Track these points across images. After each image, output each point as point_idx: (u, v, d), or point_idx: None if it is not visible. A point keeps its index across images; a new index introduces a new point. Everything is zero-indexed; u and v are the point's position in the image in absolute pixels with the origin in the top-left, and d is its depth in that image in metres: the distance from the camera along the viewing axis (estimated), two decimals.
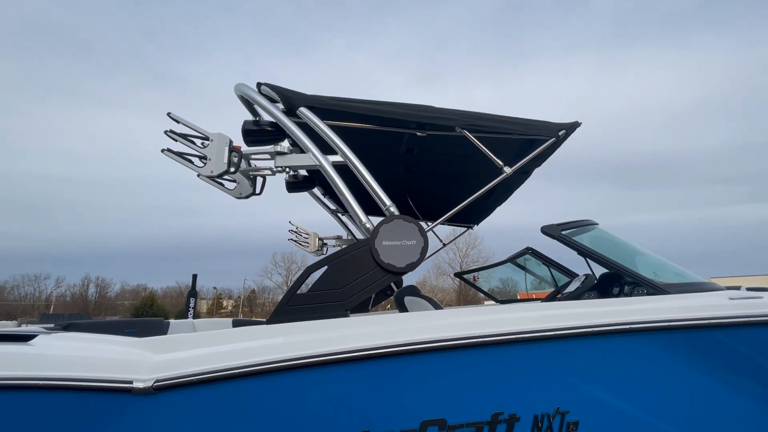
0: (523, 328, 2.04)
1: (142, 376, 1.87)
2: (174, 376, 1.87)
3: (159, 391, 1.86)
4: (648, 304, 2.23)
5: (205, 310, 48.59)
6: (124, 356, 1.98)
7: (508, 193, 3.96)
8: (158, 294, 48.58)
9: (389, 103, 2.63)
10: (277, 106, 2.54)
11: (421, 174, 3.94)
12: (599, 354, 2.10)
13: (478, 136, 2.60)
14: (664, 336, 2.12)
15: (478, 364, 2.03)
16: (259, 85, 2.66)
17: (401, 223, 2.25)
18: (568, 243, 2.55)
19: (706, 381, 2.15)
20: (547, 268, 4.44)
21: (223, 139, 2.34)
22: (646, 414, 2.12)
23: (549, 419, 2.04)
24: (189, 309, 5.07)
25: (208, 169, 2.32)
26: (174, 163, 2.34)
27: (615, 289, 2.95)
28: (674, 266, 2.80)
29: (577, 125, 2.68)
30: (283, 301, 2.16)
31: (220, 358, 1.93)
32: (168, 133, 2.29)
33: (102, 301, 47.87)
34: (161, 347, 2.02)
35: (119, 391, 1.87)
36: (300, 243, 5.14)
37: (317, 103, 2.55)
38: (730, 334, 2.14)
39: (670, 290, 2.33)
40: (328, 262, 2.22)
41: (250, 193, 2.80)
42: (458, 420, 2.00)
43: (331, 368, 1.94)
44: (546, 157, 2.91)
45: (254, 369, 1.89)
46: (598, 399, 2.09)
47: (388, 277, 2.21)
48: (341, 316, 2.12)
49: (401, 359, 1.98)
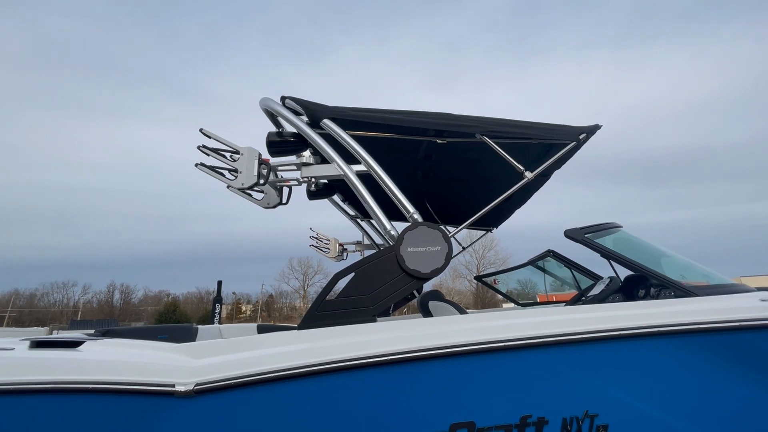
0: (550, 332, 2.05)
1: (183, 380, 1.97)
2: (213, 379, 1.97)
3: (199, 395, 1.95)
4: (676, 306, 2.21)
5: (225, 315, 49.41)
6: (165, 361, 2.09)
7: (527, 196, 3.97)
8: (180, 300, 49.75)
9: (410, 112, 2.69)
10: (301, 119, 2.64)
11: (441, 179, 3.98)
12: (627, 357, 2.10)
13: (498, 142, 2.63)
14: (693, 339, 2.10)
15: (506, 367, 2.06)
16: (283, 99, 2.76)
17: (425, 230, 2.30)
18: (592, 246, 2.55)
19: (736, 385, 2.12)
20: (569, 270, 4.41)
21: (253, 153, 2.45)
22: (675, 418, 2.10)
23: (578, 423, 2.05)
24: (215, 314, 5.23)
25: (240, 182, 2.43)
26: (196, 173, 2.46)
27: (641, 292, 2.92)
28: (702, 267, 2.76)
29: (598, 128, 2.69)
30: (313, 308, 2.24)
31: (256, 362, 2.01)
32: (201, 149, 2.41)
33: (126, 307, 49.23)
34: (199, 352, 2.12)
35: (162, 394, 1.98)
36: (321, 249, 5.24)
37: (340, 115, 2.63)
38: (762, 337, 2.10)
39: (698, 292, 2.31)
40: (354, 269, 2.28)
41: (277, 203, 2.90)
42: (487, 423, 2.03)
43: (362, 372, 2.00)
44: (566, 160, 2.91)
45: (289, 373, 1.97)
46: (626, 402, 2.09)
47: (414, 283, 2.26)
48: (369, 322, 2.18)
49: (429, 363, 2.02)
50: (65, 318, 40.59)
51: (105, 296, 49.01)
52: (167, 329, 3.56)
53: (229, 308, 51.15)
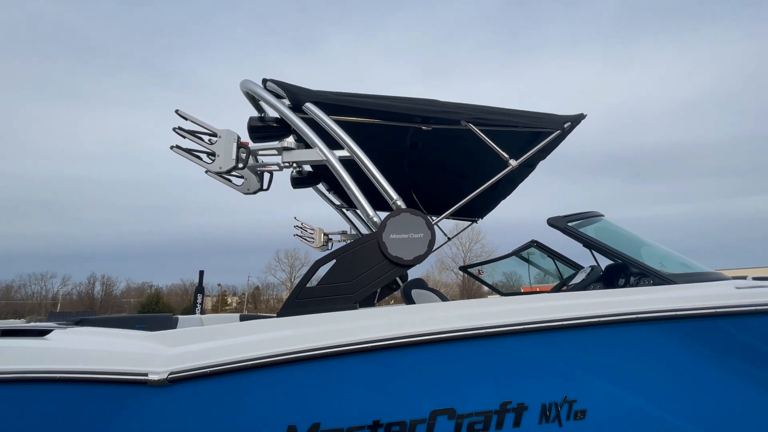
0: (530, 319, 2.06)
1: (156, 369, 1.91)
2: (188, 368, 1.91)
3: (173, 383, 1.90)
4: (654, 294, 2.25)
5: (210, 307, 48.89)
6: (138, 349, 2.02)
7: (513, 186, 3.97)
8: (164, 291, 48.99)
9: (394, 97, 2.64)
10: (283, 102, 2.56)
11: (426, 168, 3.95)
12: (606, 344, 2.12)
13: (483, 129, 2.60)
14: (671, 325, 2.13)
15: (486, 354, 2.06)
16: (265, 82, 2.67)
17: (408, 217, 2.27)
18: (574, 234, 2.56)
19: (712, 369, 2.17)
20: (552, 261, 4.46)
21: (231, 136, 2.36)
22: (652, 402, 2.14)
23: (557, 408, 2.07)
24: (197, 305, 5.15)
25: (217, 166, 2.35)
26: (177, 160, 2.37)
27: (621, 280, 2.96)
28: (680, 256, 2.80)
29: (582, 117, 2.69)
30: (293, 295, 2.19)
31: (232, 350, 1.96)
32: (176, 131, 2.32)
33: (108, 299, 48.27)
34: (174, 340, 2.06)
35: (135, 383, 1.91)
36: (306, 239, 5.18)
37: (323, 99, 2.57)
38: (736, 323, 2.15)
39: (677, 280, 2.34)
40: (336, 255, 2.24)
41: (257, 189, 2.83)
42: (467, 409, 2.03)
43: (342, 360, 1.98)
44: (551, 149, 2.91)
45: (266, 361, 1.93)
46: (605, 388, 2.12)
47: (396, 270, 2.23)
48: (350, 309, 2.15)
49: (410, 350, 2.01)
50: (44, 310, 39.58)
51: (85, 288, 47.95)
52: (146, 319, 3.47)
53: (214, 300, 50.64)
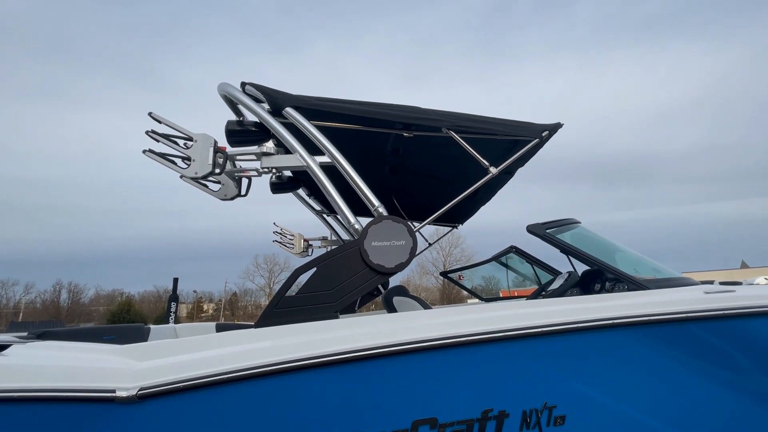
0: (510, 326, 2.07)
1: (125, 384, 1.81)
2: (159, 383, 1.82)
3: (144, 399, 1.80)
4: (628, 299, 2.31)
5: (185, 315, 47.38)
6: (105, 364, 1.91)
7: (492, 193, 4.03)
8: (136, 299, 47.10)
9: (376, 103, 2.63)
10: (262, 106, 2.51)
11: (407, 174, 3.95)
12: (583, 349, 2.16)
13: (463, 136, 2.63)
14: (645, 330, 2.19)
15: (467, 362, 2.05)
16: (244, 85, 2.61)
17: (390, 224, 2.25)
18: (552, 241, 2.61)
19: (684, 372, 2.23)
20: (530, 266, 4.53)
21: (208, 140, 2.29)
22: (629, 406, 2.19)
23: (537, 414, 2.08)
24: (170, 314, 4.95)
25: (192, 171, 2.27)
26: (152, 164, 2.27)
27: (597, 285, 3.04)
28: (652, 262, 2.90)
29: (559, 126, 2.75)
30: (272, 304, 2.13)
31: (206, 363, 1.89)
32: (150, 134, 2.23)
33: (75, 307, 46.01)
34: (145, 354, 1.96)
35: (101, 400, 1.81)
36: (285, 245, 5.09)
37: (303, 104, 2.53)
38: (705, 327, 2.23)
39: (649, 285, 2.42)
40: (316, 263, 2.20)
41: (235, 195, 2.75)
42: (449, 418, 2.01)
43: (321, 371, 1.93)
44: (529, 157, 2.97)
45: (242, 374, 1.86)
46: (583, 393, 2.15)
47: (378, 277, 2.21)
48: (331, 318, 2.11)
49: (391, 360, 1.98)
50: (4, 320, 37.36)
51: (51, 296, 45.58)
52: (115, 330, 3.31)
53: (189, 307, 49.10)
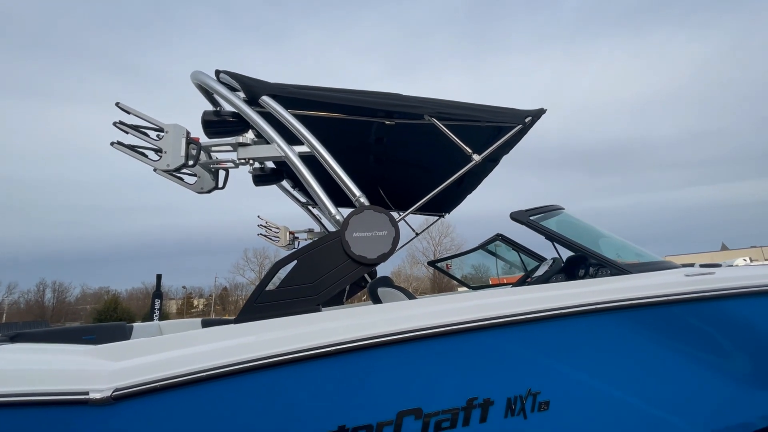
0: (493, 314, 2.06)
1: (99, 386, 1.75)
2: (135, 383, 1.76)
3: (119, 401, 1.75)
4: (611, 284, 2.31)
5: (175, 311, 46.93)
6: (78, 366, 1.84)
7: (478, 181, 4.01)
8: (123, 296, 46.42)
9: (356, 91, 2.56)
10: (237, 95, 2.41)
11: (392, 163, 3.90)
12: (567, 335, 2.16)
13: (446, 124, 2.58)
14: (628, 314, 2.21)
15: (451, 351, 2.04)
16: (218, 73, 2.51)
17: (371, 214, 2.20)
18: (535, 228, 2.60)
19: (668, 355, 2.26)
20: (516, 253, 4.55)
21: (180, 131, 2.20)
22: (613, 389, 2.21)
23: (522, 401, 2.09)
24: (154, 311, 4.86)
25: (164, 163, 2.18)
26: (130, 158, 2.18)
27: (581, 271, 3.05)
28: (635, 246, 2.92)
29: (543, 112, 2.72)
30: (252, 299, 2.08)
31: (185, 361, 1.83)
32: (118, 125, 2.13)
33: (60, 306, 45.16)
34: (121, 354, 1.90)
35: (74, 403, 1.74)
36: (270, 238, 5.01)
37: (280, 92, 2.44)
38: (687, 309, 2.26)
39: (632, 270, 2.43)
40: (297, 256, 2.15)
41: (212, 188, 2.66)
42: (434, 408, 2.01)
43: (304, 365, 1.89)
44: (513, 144, 2.94)
45: (222, 371, 1.81)
46: (567, 378, 2.16)
47: (360, 269, 2.17)
48: (312, 311, 2.07)
49: (374, 352, 1.96)
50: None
51: (35, 296, 44.62)
52: (95, 329, 3.21)
53: (179, 303, 48.61)
